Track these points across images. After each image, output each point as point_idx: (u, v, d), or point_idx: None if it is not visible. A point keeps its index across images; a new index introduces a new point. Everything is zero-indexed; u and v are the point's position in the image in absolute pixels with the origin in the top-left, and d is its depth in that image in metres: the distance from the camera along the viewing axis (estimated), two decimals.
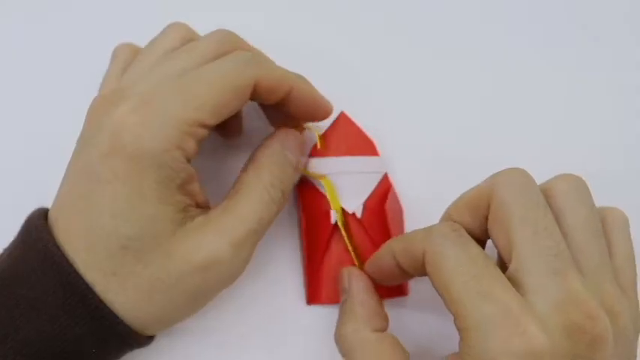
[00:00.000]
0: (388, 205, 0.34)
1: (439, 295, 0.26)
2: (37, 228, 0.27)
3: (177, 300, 0.28)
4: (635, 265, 0.28)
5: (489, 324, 0.24)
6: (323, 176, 0.34)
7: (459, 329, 0.25)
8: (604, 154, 0.37)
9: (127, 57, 0.32)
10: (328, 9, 0.38)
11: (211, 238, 0.28)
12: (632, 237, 0.29)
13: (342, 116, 0.35)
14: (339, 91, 0.36)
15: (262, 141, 0.32)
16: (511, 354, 0.23)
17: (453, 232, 0.27)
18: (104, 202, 0.27)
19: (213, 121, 0.28)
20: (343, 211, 0.33)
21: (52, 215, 0.28)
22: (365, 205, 0.33)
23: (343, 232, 0.33)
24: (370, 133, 0.35)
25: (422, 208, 0.35)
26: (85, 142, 0.28)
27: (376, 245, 0.33)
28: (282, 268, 0.35)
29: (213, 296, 0.30)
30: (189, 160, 0.28)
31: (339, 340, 0.30)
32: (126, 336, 0.28)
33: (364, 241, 0.33)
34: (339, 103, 0.35)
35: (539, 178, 0.28)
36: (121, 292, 0.27)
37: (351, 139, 0.34)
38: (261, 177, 0.30)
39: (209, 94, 0.27)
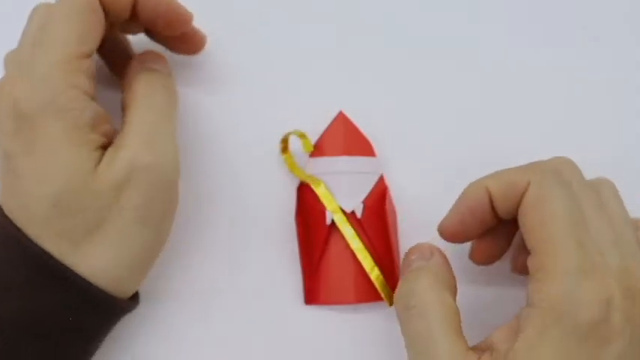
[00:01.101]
0: (387, 206, 0.34)
1: (522, 229, 0.27)
2: None
3: (130, 233, 0.28)
4: None
5: (581, 273, 0.25)
6: (315, 180, 0.34)
7: (538, 269, 0.26)
8: (604, 154, 0.36)
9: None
10: (328, 9, 0.38)
11: (125, 153, 0.28)
12: None
13: (340, 116, 0.35)
14: (339, 91, 0.36)
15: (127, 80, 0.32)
16: (595, 302, 0.25)
17: (562, 175, 0.28)
18: (26, 173, 0.27)
19: (87, 47, 0.29)
20: (342, 211, 0.33)
21: (1, 200, 0.29)
22: (364, 205, 0.33)
23: (345, 231, 0.33)
24: (369, 132, 0.35)
25: (420, 208, 0.35)
26: None
27: (374, 246, 0.33)
28: (281, 267, 0.35)
29: (165, 220, 0.30)
30: (93, 98, 0.28)
31: (406, 294, 0.28)
32: (101, 300, 0.28)
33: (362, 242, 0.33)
34: (339, 103, 0.35)
35: None
36: (76, 251, 0.27)
37: (349, 139, 0.34)
38: (140, 84, 0.30)
39: (67, 27, 0.28)
